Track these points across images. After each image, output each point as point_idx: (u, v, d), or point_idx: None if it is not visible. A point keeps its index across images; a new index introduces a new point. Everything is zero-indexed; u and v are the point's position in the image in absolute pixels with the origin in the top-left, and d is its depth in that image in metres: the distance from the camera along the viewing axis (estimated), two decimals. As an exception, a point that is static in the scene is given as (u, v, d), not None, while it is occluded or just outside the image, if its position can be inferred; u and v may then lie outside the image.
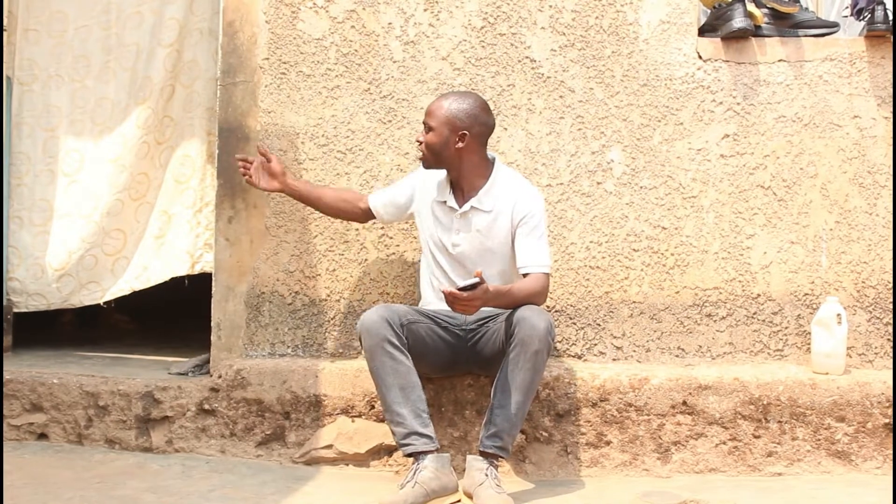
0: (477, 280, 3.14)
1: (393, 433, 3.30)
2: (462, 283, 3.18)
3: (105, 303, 4.30)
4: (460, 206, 3.45)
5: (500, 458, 3.26)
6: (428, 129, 3.41)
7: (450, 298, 3.12)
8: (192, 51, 4.15)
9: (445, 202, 3.48)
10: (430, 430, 3.26)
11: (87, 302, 4.22)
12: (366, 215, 3.65)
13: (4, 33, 4.14)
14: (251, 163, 3.64)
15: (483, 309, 3.31)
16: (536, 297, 3.32)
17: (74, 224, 4.18)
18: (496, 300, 3.24)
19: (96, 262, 4.18)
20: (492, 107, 3.78)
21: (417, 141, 3.47)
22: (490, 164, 3.48)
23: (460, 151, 3.39)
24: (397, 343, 3.25)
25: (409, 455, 3.26)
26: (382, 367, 3.25)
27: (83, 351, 4.38)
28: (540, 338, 3.17)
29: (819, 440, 3.56)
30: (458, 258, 3.45)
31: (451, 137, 3.37)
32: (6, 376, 3.84)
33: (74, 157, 4.21)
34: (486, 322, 3.40)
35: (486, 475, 3.17)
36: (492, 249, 3.42)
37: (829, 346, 3.64)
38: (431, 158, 3.43)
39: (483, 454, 3.24)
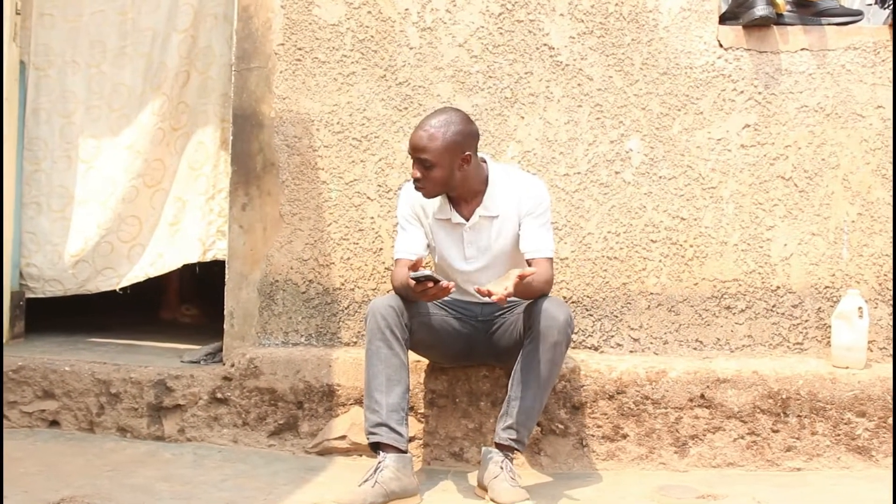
0: (429, 272, 3.08)
1: (365, 420, 3.21)
2: (419, 274, 3.08)
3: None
4: (468, 219, 3.34)
5: (515, 451, 3.22)
6: (427, 165, 3.20)
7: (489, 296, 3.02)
8: (207, 36, 4.12)
9: (449, 219, 3.35)
10: (403, 430, 3.16)
11: (103, 288, 4.21)
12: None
13: (19, 17, 4.11)
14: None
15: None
16: (548, 284, 3.26)
17: (91, 210, 4.17)
18: (521, 291, 3.12)
19: (112, 249, 4.17)
20: (509, 94, 3.77)
21: (415, 179, 3.24)
22: (483, 164, 3.37)
23: (466, 171, 3.27)
24: (398, 335, 3.19)
25: (373, 446, 3.18)
26: (376, 352, 3.19)
27: (96, 337, 4.36)
28: (559, 329, 3.12)
29: (839, 435, 3.51)
30: (475, 272, 3.35)
31: (454, 164, 3.22)
32: (18, 363, 3.83)
33: (91, 143, 4.19)
34: (504, 313, 3.36)
35: (502, 468, 3.12)
36: (505, 251, 3.35)
37: (849, 339, 3.59)
38: (437, 190, 3.27)
39: (498, 446, 3.19)
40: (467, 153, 3.23)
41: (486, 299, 3.17)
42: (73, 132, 4.18)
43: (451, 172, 3.23)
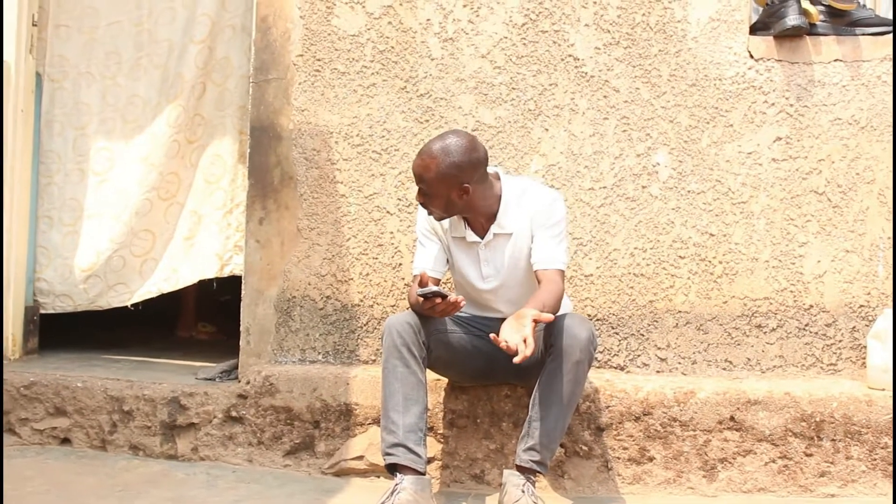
0: (436, 288, 2.96)
1: (381, 440, 3.10)
2: (426, 290, 2.96)
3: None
4: (482, 237, 3.24)
5: (537, 474, 3.10)
6: (423, 191, 3.12)
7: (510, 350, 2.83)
8: (225, 47, 4.06)
9: (464, 238, 3.26)
10: (421, 451, 3.05)
11: (115, 304, 4.15)
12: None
13: (35, 29, 4.06)
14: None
15: None
16: (559, 301, 3.10)
17: (104, 224, 4.11)
18: (540, 319, 2.94)
19: (124, 264, 4.10)
20: (533, 106, 3.67)
21: (420, 202, 3.17)
22: (497, 181, 3.25)
23: (468, 199, 3.15)
24: (416, 353, 3.09)
25: (390, 468, 3.07)
26: (393, 370, 3.09)
27: (111, 354, 4.30)
28: (582, 347, 3.01)
29: (875, 460, 3.38)
30: (492, 291, 3.26)
31: (450, 194, 3.12)
32: (30, 378, 3.76)
33: (104, 155, 4.13)
34: (524, 330, 3.25)
35: (523, 491, 3.01)
36: (521, 269, 3.24)
37: (886, 360, 3.47)
38: (441, 214, 3.18)
39: (520, 468, 3.08)
40: (465, 185, 3.11)
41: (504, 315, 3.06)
42: (87, 144, 4.14)
43: (448, 201, 3.13)
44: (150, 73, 4.10)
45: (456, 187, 3.10)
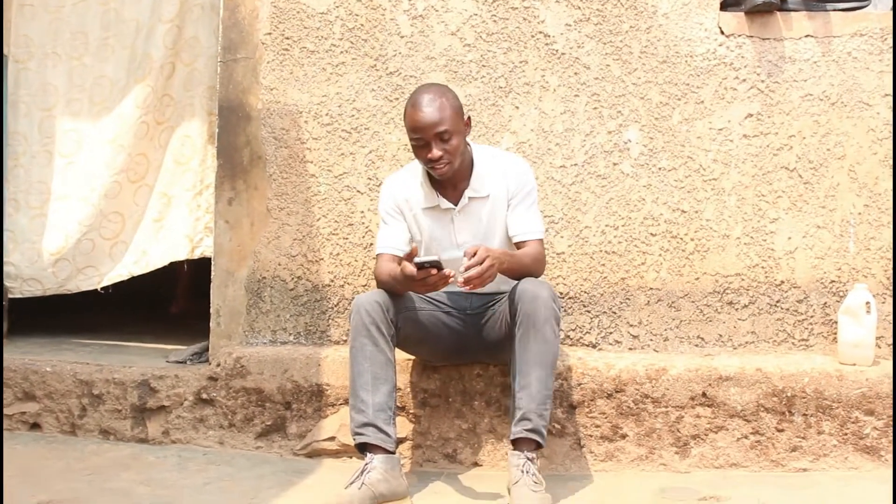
0: (436, 257, 2.93)
1: (350, 420, 3.08)
2: (426, 259, 2.93)
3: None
4: (456, 203, 3.22)
5: (537, 447, 3.03)
6: (446, 137, 3.05)
7: (470, 281, 2.88)
8: (193, 27, 4.01)
9: (437, 206, 3.23)
10: (390, 430, 3.04)
11: (84, 287, 4.10)
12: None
13: None
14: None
15: (486, 290, 3.10)
16: (539, 263, 3.14)
17: (72, 207, 4.05)
18: (507, 262, 3.01)
19: (94, 247, 4.06)
20: (503, 84, 3.66)
21: (438, 159, 3.07)
22: (467, 146, 3.24)
23: (465, 137, 3.18)
24: (384, 331, 3.06)
25: (360, 447, 3.05)
26: (361, 349, 3.06)
27: (82, 338, 4.26)
28: (545, 304, 2.97)
29: (846, 434, 3.38)
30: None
31: (463, 129, 3.14)
32: (-2, 363, 3.73)
33: (72, 137, 4.08)
34: (492, 305, 3.24)
35: (523, 471, 2.95)
36: (497, 233, 3.22)
37: (857, 335, 3.47)
38: (458, 160, 3.13)
39: (515, 444, 3.02)
40: (468, 116, 3.20)
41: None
42: (53, 126, 4.08)
43: (462, 139, 3.15)
44: (117, 54, 4.04)
45: (463, 119, 3.17)
